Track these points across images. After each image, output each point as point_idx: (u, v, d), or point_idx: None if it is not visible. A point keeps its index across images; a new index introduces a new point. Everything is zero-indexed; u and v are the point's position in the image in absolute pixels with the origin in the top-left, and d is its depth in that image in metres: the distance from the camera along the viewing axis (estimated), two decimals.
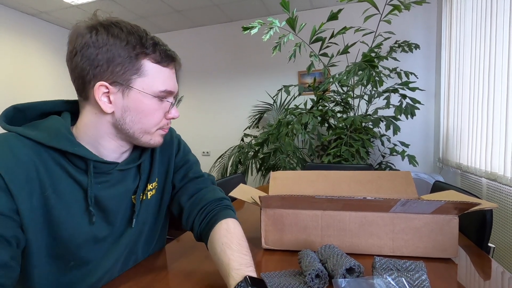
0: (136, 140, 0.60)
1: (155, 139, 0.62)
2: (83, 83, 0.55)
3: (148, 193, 0.67)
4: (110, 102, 0.56)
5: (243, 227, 0.94)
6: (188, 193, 0.71)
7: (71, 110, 0.62)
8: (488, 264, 0.68)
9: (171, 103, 0.62)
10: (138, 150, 0.66)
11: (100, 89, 0.54)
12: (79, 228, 0.56)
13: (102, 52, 0.53)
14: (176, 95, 0.63)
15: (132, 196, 0.64)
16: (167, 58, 0.58)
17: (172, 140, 0.74)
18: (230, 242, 0.58)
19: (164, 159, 0.72)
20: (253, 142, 2.80)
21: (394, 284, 0.51)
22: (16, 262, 0.48)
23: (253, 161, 2.78)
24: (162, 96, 0.59)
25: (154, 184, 0.69)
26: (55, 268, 0.55)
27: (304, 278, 0.57)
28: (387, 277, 0.52)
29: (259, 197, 0.70)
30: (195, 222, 0.67)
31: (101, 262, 0.60)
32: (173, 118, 0.63)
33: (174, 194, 0.73)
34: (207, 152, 3.67)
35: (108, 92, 0.55)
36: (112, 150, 0.60)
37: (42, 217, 0.52)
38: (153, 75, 0.57)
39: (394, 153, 2.32)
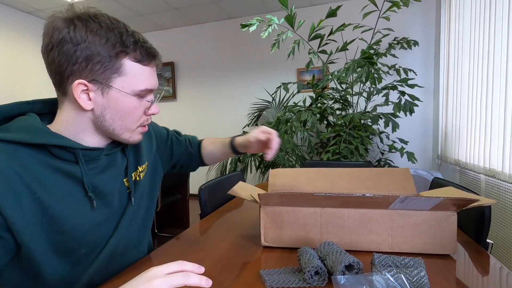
0: (116, 136, 0.61)
1: (135, 137, 0.63)
2: (60, 78, 0.54)
3: (141, 174, 0.69)
4: (90, 99, 0.55)
5: (242, 225, 0.95)
6: (188, 146, 0.90)
7: (33, 110, 0.60)
8: (486, 260, 0.68)
9: (152, 100, 0.62)
10: None
11: (78, 87, 0.53)
12: (82, 217, 0.56)
13: (81, 49, 0.51)
14: (157, 91, 0.64)
15: (124, 180, 0.66)
16: (148, 56, 0.57)
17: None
18: (214, 140, 0.91)
19: (148, 145, 0.76)
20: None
21: (393, 281, 0.51)
22: None
23: (252, 159, 2.78)
24: (142, 94, 0.59)
25: (144, 166, 0.72)
26: (65, 261, 0.56)
27: (304, 275, 0.57)
28: (386, 273, 0.52)
29: (258, 194, 0.70)
30: (195, 155, 0.91)
31: (108, 243, 0.61)
32: (153, 114, 0.64)
33: (183, 153, 0.89)
34: None
35: (87, 89, 0.54)
36: (93, 144, 0.60)
37: (39, 218, 0.51)
38: (134, 74, 0.56)
39: (393, 150, 2.32)
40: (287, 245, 0.73)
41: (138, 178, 0.68)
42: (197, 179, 3.11)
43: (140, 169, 0.69)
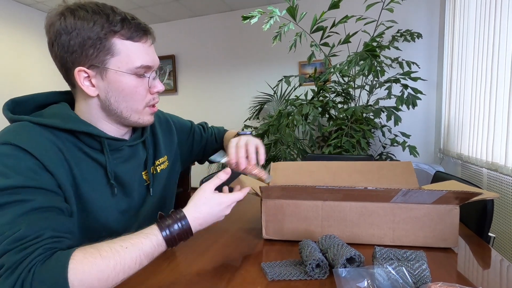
0: (125, 120, 0.61)
1: (144, 118, 0.63)
2: (65, 71, 0.57)
3: (158, 168, 0.72)
4: (93, 85, 0.57)
5: (244, 218, 0.95)
6: (213, 141, 0.93)
7: (66, 100, 0.64)
8: (488, 253, 0.68)
9: (153, 77, 0.62)
10: (139, 128, 0.70)
11: (80, 75, 0.56)
12: (104, 202, 0.60)
13: (73, 37, 0.53)
14: (159, 68, 0.64)
15: (143, 172, 0.69)
16: (138, 32, 0.57)
17: (167, 121, 0.82)
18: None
19: (167, 138, 0.79)
20: (254, 133, 2.80)
21: (395, 274, 0.51)
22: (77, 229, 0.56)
23: None
24: (140, 72, 0.59)
25: (162, 159, 0.74)
26: (87, 239, 0.58)
27: (305, 267, 0.57)
28: (387, 266, 0.52)
29: (260, 187, 0.70)
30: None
31: (126, 232, 0.63)
32: (158, 92, 0.64)
33: (204, 148, 0.91)
34: None
35: (88, 76, 0.56)
36: (111, 133, 0.62)
37: (74, 192, 0.56)
38: (126, 52, 0.56)
39: (395, 144, 2.31)
40: (288, 238, 0.73)
41: (155, 172, 0.71)
42: (199, 172, 3.12)
43: (157, 162, 0.72)
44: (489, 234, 0.80)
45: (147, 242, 0.49)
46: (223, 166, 0.99)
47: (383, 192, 0.65)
